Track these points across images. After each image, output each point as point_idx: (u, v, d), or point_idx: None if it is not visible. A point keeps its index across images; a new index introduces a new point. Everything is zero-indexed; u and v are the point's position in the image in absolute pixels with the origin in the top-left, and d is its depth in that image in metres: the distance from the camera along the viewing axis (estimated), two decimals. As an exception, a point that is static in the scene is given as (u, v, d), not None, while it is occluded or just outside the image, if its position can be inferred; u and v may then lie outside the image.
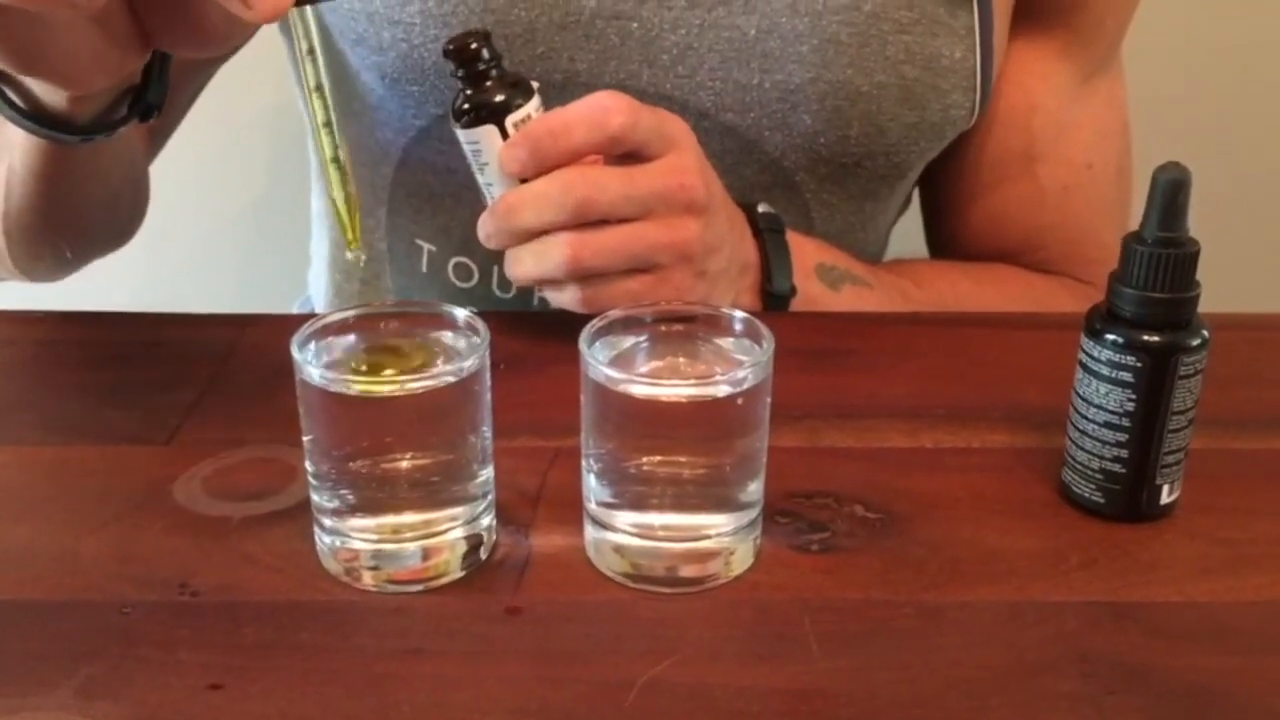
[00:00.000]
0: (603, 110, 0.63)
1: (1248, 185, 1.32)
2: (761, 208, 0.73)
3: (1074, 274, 0.87)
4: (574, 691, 0.47)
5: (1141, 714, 0.46)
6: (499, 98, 0.65)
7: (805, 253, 0.74)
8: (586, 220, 0.63)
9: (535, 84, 0.66)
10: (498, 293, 0.80)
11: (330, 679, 0.47)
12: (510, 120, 0.65)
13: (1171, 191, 0.51)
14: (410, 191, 0.80)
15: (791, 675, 0.47)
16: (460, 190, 0.78)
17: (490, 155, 0.66)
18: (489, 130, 0.65)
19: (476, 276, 0.80)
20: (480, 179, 0.67)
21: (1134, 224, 0.54)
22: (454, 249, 0.80)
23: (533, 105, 0.66)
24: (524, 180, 0.65)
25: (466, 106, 0.65)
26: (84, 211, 0.70)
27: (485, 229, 0.66)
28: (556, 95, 0.72)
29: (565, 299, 0.66)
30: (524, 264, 0.65)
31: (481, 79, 0.65)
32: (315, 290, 0.93)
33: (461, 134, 0.66)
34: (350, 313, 0.53)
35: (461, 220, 0.79)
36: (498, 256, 0.79)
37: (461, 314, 0.53)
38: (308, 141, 0.88)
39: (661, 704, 0.46)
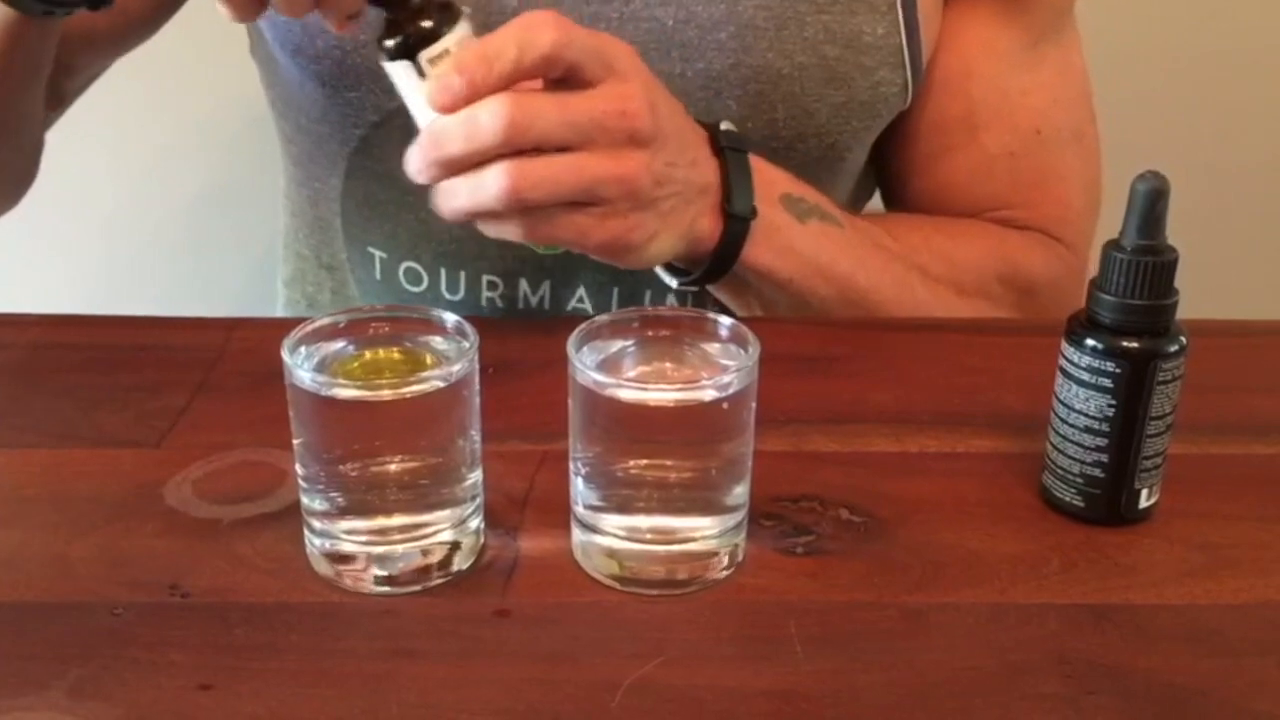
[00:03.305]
0: (531, 28, 0.59)
1: (1229, 191, 1.33)
2: (724, 125, 0.71)
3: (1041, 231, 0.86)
4: (561, 693, 0.47)
5: (1121, 715, 0.46)
6: (412, 29, 0.59)
7: (772, 180, 0.72)
8: (520, 146, 0.59)
9: (466, 9, 0.61)
10: (446, 295, 0.81)
11: (320, 680, 0.47)
12: (425, 56, 0.59)
13: (1150, 200, 0.52)
14: (359, 201, 0.81)
15: (776, 676, 0.48)
16: (403, 196, 0.79)
17: (409, 93, 0.61)
18: (402, 67, 0.60)
19: (426, 280, 0.81)
20: (415, 122, 0.62)
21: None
22: (403, 254, 0.81)
23: (453, 38, 0.60)
24: None
25: (380, 38, 0.60)
26: (12, 115, 0.73)
27: (413, 163, 0.61)
28: None
29: (507, 231, 0.62)
30: (458, 197, 0.61)
31: (398, 6, 0.59)
32: (282, 309, 0.93)
33: (386, 69, 0.61)
34: (340, 317, 0.53)
35: (408, 225, 0.80)
36: (443, 258, 0.80)
37: (451, 319, 0.53)
38: (278, 164, 0.89)
39: (647, 705, 0.46)
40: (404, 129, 0.76)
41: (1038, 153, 0.85)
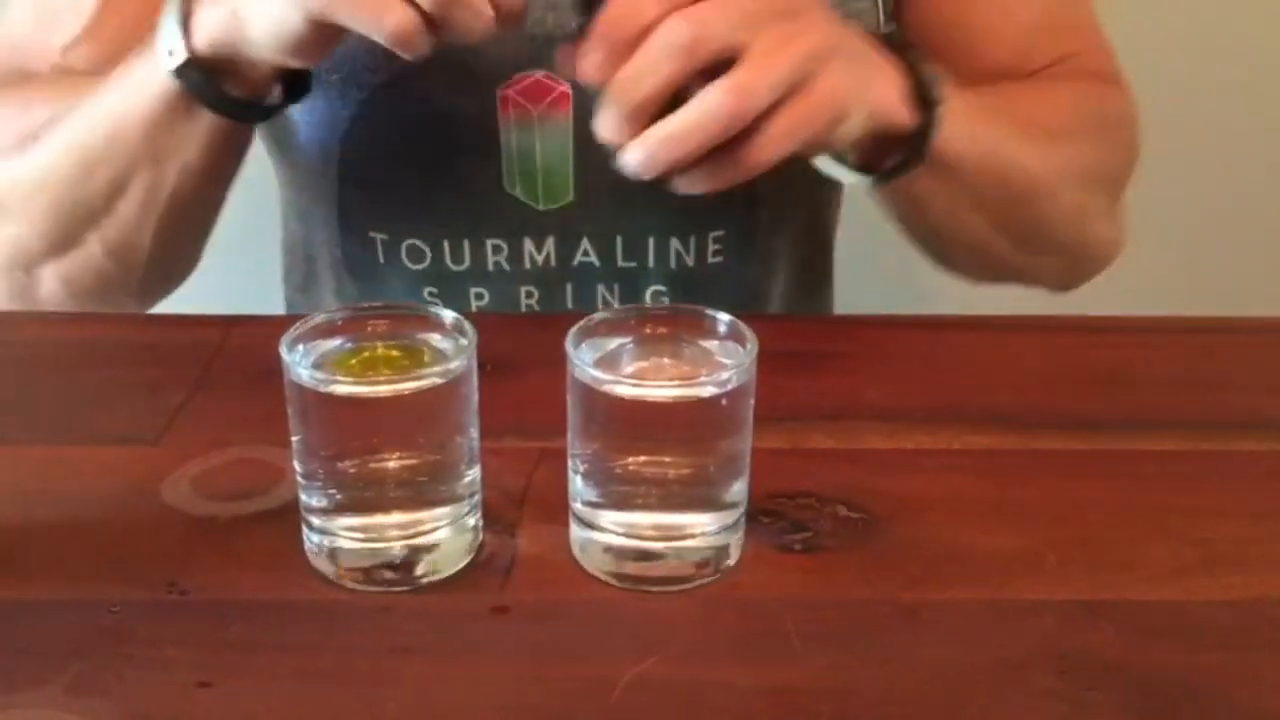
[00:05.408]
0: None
1: (1230, 191, 1.34)
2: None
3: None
4: (559, 689, 0.47)
5: (1117, 710, 0.47)
6: None
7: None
8: (707, 61, 0.56)
9: None
10: (451, 265, 0.80)
11: (317, 677, 0.48)
12: None
13: None
14: (356, 184, 0.81)
15: (774, 672, 0.48)
16: (401, 171, 0.79)
17: None
18: None
19: (429, 256, 0.80)
20: None
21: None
22: (404, 232, 0.81)
23: None
24: None
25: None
26: (211, 214, 0.77)
27: (608, 125, 0.57)
28: (470, 55, 0.72)
29: (723, 174, 0.58)
30: (686, 128, 0.56)
31: None
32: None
33: None
34: (339, 314, 0.53)
35: (406, 199, 0.79)
36: (444, 229, 0.79)
37: (449, 316, 0.53)
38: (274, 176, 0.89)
39: (646, 701, 0.47)
40: (388, 101, 0.76)
41: None
